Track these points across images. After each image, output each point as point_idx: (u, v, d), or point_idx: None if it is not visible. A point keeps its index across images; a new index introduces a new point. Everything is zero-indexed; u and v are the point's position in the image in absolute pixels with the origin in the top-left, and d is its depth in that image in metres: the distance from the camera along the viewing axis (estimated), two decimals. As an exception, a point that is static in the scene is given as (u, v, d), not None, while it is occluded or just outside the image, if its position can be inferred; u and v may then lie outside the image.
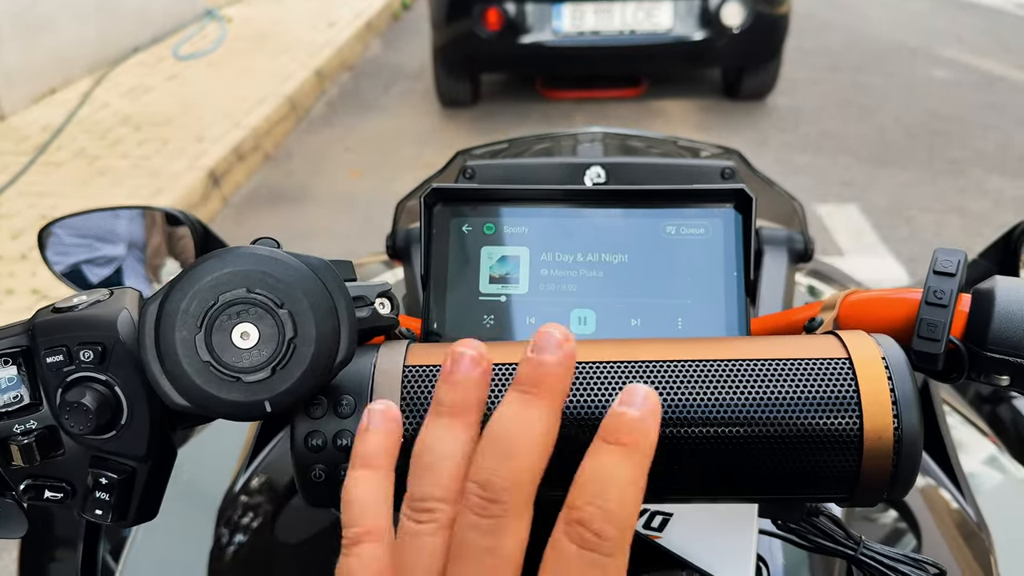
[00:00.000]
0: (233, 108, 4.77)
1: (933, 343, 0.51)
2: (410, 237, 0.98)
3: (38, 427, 0.45)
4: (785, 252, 0.96)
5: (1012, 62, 5.82)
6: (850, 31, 6.72)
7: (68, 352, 0.44)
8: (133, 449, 0.46)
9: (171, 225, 1.17)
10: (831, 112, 4.94)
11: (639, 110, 5.04)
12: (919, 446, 0.43)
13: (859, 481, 0.44)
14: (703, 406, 0.44)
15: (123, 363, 0.45)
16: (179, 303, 0.40)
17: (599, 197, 0.60)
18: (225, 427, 1.01)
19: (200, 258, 0.41)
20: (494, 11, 4.63)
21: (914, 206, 3.73)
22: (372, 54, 6.66)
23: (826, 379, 0.44)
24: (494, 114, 5.09)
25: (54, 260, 1.09)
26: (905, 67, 5.76)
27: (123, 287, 0.49)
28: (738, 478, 0.45)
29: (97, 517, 0.46)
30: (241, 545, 0.87)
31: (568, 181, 0.84)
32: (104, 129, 4.52)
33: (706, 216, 0.59)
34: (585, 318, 0.58)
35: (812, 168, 4.17)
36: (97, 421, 0.43)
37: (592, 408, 0.44)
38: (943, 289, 0.51)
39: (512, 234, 0.60)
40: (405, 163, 4.39)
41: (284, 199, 4.06)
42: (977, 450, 1.09)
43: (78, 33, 5.36)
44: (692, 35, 4.64)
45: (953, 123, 4.71)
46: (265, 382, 0.41)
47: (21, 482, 0.46)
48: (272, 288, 0.41)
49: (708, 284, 0.57)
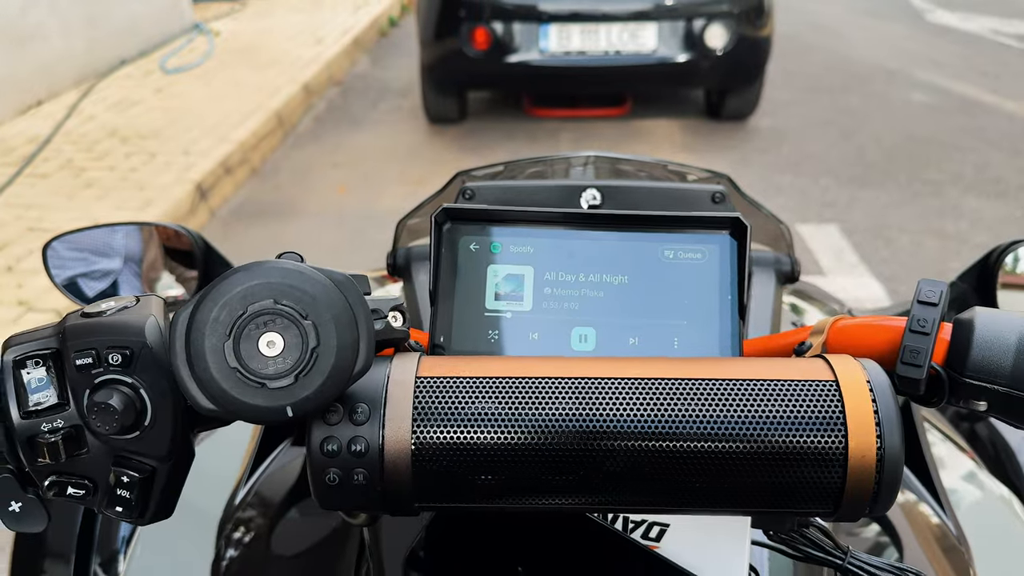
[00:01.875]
0: (220, 122, 4.77)
1: (916, 368, 0.54)
2: (411, 255, 1.01)
3: (65, 426, 0.47)
4: (773, 274, 0.99)
5: (988, 86, 5.94)
6: (831, 53, 6.83)
7: (97, 355, 0.46)
8: (155, 449, 0.48)
9: (172, 240, 1.18)
10: (812, 133, 5.02)
11: (624, 129, 5.09)
12: (900, 465, 0.46)
13: (844, 497, 0.47)
14: (697, 422, 0.46)
15: (149, 367, 0.47)
16: (210, 312, 0.43)
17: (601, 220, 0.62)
18: (225, 439, 1.02)
19: (229, 271, 0.43)
20: (482, 30, 4.67)
21: (893, 226, 3.79)
22: (360, 70, 6.68)
23: (814, 400, 0.47)
24: (481, 131, 5.13)
25: (56, 273, 1.10)
26: (884, 90, 5.87)
27: (148, 294, 0.51)
28: (729, 492, 0.47)
29: (117, 514, 0.48)
30: (242, 556, 0.88)
31: (565, 202, 0.87)
32: (91, 141, 4.51)
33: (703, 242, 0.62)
34: (586, 336, 0.61)
35: (793, 188, 4.23)
36: (122, 422, 0.45)
37: (591, 422, 0.46)
38: (926, 318, 0.54)
39: (517, 254, 0.62)
40: (392, 179, 4.41)
41: (271, 213, 4.07)
42: (957, 466, 1.12)
43: (65, 45, 5.35)
44: (676, 57, 4.71)
45: (931, 145, 4.80)
46: (288, 388, 0.43)
47: (46, 478, 0.48)
48: (298, 300, 0.43)
49: (704, 306, 0.60)
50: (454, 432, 0.47)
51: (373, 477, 0.47)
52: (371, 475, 0.47)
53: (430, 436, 0.47)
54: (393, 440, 0.47)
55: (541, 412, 0.47)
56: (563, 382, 0.48)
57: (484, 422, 0.47)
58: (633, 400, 0.47)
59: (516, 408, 0.47)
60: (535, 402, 0.47)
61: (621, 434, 0.46)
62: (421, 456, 0.47)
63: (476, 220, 0.62)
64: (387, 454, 0.47)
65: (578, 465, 0.47)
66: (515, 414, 0.47)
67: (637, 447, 0.46)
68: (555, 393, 0.47)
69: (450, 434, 0.47)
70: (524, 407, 0.47)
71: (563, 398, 0.47)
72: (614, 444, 0.46)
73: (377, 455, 0.47)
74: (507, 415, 0.47)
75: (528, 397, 0.47)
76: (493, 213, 0.62)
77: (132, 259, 1.21)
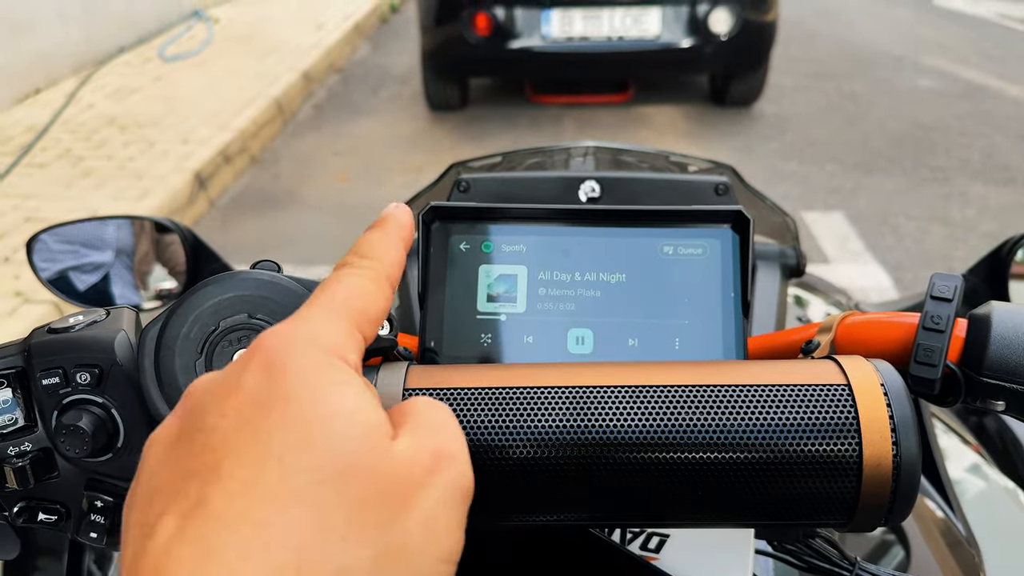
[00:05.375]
0: (220, 110, 4.75)
1: (930, 368, 0.51)
2: (404, 250, 0.98)
3: (33, 449, 0.44)
4: (778, 267, 0.97)
5: (994, 71, 5.89)
6: (836, 39, 6.78)
7: (64, 374, 0.44)
8: (129, 472, 0.45)
9: (161, 233, 1.16)
10: (817, 119, 4.98)
11: (626, 116, 5.06)
12: (917, 472, 0.44)
13: (858, 507, 0.44)
14: (703, 431, 0.44)
15: (120, 385, 0.44)
16: (180, 328, 0.40)
17: (597, 216, 0.60)
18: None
19: (201, 283, 0.41)
20: (483, 16, 4.63)
21: (899, 214, 3.76)
22: (360, 56, 6.64)
23: (825, 405, 0.44)
24: (482, 118, 5.10)
25: (42, 268, 1.08)
26: (890, 75, 5.82)
27: (119, 307, 0.49)
28: (737, 504, 0.45)
29: (92, 540, 0.45)
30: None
31: (563, 195, 0.84)
32: (89, 130, 4.49)
33: (704, 236, 0.59)
34: (583, 337, 0.58)
35: (798, 176, 4.20)
36: (93, 444, 0.43)
37: (590, 433, 0.44)
38: (940, 314, 0.52)
39: (510, 253, 0.60)
40: (393, 167, 4.39)
41: (271, 202, 4.04)
42: (964, 462, 1.10)
43: (63, 33, 5.32)
44: (680, 42, 4.67)
45: (937, 131, 4.76)
46: None
47: (15, 504, 0.46)
48: (273, 313, 0.41)
49: (705, 304, 0.58)
50: None
51: None
52: None
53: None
54: None
55: (537, 424, 0.44)
56: (560, 391, 0.46)
57: (477, 436, 0.45)
58: (635, 409, 0.45)
59: (511, 420, 0.45)
60: (531, 414, 0.45)
61: (622, 445, 0.44)
62: None
63: (466, 218, 0.60)
64: None
65: (577, 479, 0.44)
66: (510, 426, 0.44)
67: (640, 459, 0.44)
68: (552, 404, 0.45)
69: None
70: (519, 419, 0.45)
71: (560, 409, 0.45)
72: (615, 456, 0.44)
73: None
74: (501, 428, 0.45)
75: (523, 408, 0.45)
76: (484, 211, 0.60)
77: (122, 253, 1.18)
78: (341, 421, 0.27)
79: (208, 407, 0.28)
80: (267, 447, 0.26)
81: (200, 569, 0.24)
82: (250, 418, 0.27)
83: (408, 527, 0.27)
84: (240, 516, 0.25)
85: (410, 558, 0.27)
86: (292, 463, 0.26)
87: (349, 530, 0.26)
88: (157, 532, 0.25)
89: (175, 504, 0.26)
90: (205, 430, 0.27)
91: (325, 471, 0.26)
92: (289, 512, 0.25)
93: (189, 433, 0.28)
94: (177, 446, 0.28)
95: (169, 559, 0.24)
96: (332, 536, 0.25)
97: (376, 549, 0.26)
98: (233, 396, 0.28)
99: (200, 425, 0.28)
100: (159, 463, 0.28)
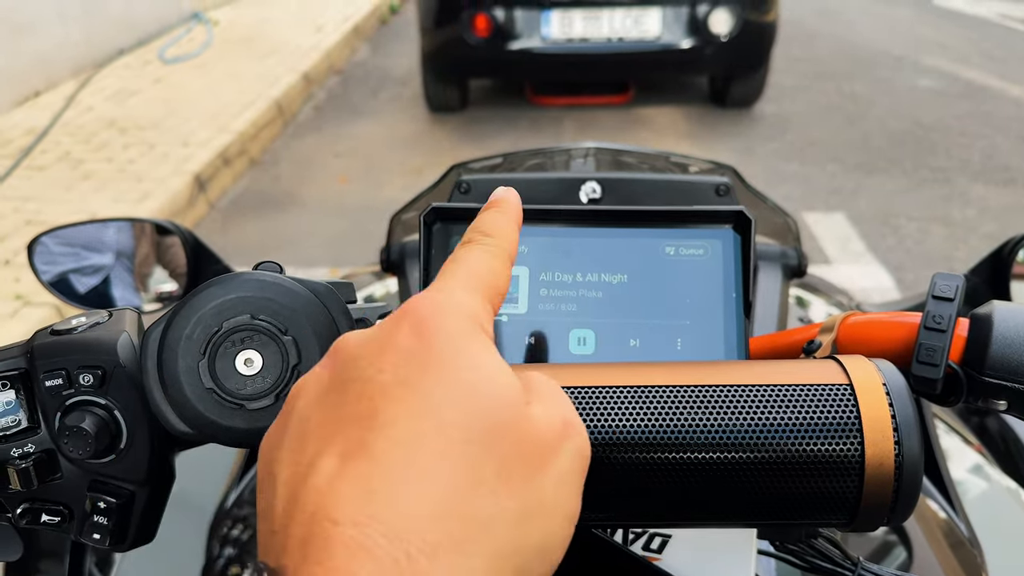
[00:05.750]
0: (220, 112, 4.75)
1: (932, 368, 0.51)
2: (405, 251, 0.98)
3: (36, 451, 0.44)
4: (779, 268, 0.97)
5: (995, 72, 5.88)
6: (836, 39, 6.78)
7: (67, 375, 0.44)
8: (132, 473, 0.45)
9: (161, 236, 1.16)
10: (818, 120, 4.98)
11: (627, 117, 5.06)
12: (920, 472, 0.44)
13: (860, 507, 0.44)
14: (705, 432, 0.44)
15: (123, 387, 0.44)
16: (182, 330, 0.40)
17: (599, 217, 0.60)
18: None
19: (203, 284, 0.41)
20: (483, 17, 4.63)
21: (900, 214, 3.76)
22: (360, 58, 6.65)
23: (827, 405, 0.44)
24: (482, 120, 5.10)
25: (43, 270, 1.07)
26: (890, 75, 5.82)
27: (122, 308, 0.48)
28: (739, 504, 0.45)
29: (95, 541, 0.45)
30: (234, 560, 0.86)
31: (564, 196, 0.84)
32: (89, 133, 4.49)
33: (705, 237, 0.59)
34: (584, 338, 0.58)
35: (799, 176, 4.19)
36: (96, 445, 0.43)
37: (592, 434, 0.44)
38: (942, 314, 0.52)
39: None
40: (393, 168, 4.39)
41: (271, 204, 4.04)
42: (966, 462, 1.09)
43: (62, 35, 5.32)
44: (680, 43, 4.66)
45: (938, 132, 4.75)
46: (269, 409, 0.40)
47: (18, 506, 0.45)
48: (276, 314, 0.40)
49: (707, 305, 0.57)
50: None
51: None
52: None
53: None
54: None
55: None
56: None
57: None
58: (637, 410, 0.45)
59: None
60: None
61: (625, 446, 0.44)
62: None
63: (467, 219, 0.60)
64: None
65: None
66: None
67: (642, 459, 0.44)
68: None
69: None
70: None
71: None
72: (618, 456, 0.44)
73: None
74: None
75: None
76: None
77: (123, 255, 1.18)
78: (490, 384, 0.30)
79: (362, 361, 0.30)
80: (425, 402, 0.29)
81: (364, 508, 0.26)
82: (407, 374, 0.29)
83: (545, 486, 0.30)
84: (402, 462, 0.27)
85: (545, 514, 0.29)
86: (448, 419, 0.28)
87: (498, 484, 0.28)
88: (318, 470, 0.28)
89: (333, 445, 0.28)
90: (360, 380, 0.30)
91: (477, 429, 0.29)
92: (447, 462, 0.27)
93: (343, 383, 0.30)
94: (330, 393, 0.30)
95: (333, 495, 0.27)
96: (483, 489, 0.28)
97: (520, 503, 0.28)
98: (387, 353, 0.30)
99: (355, 376, 0.30)
100: (311, 408, 0.30)
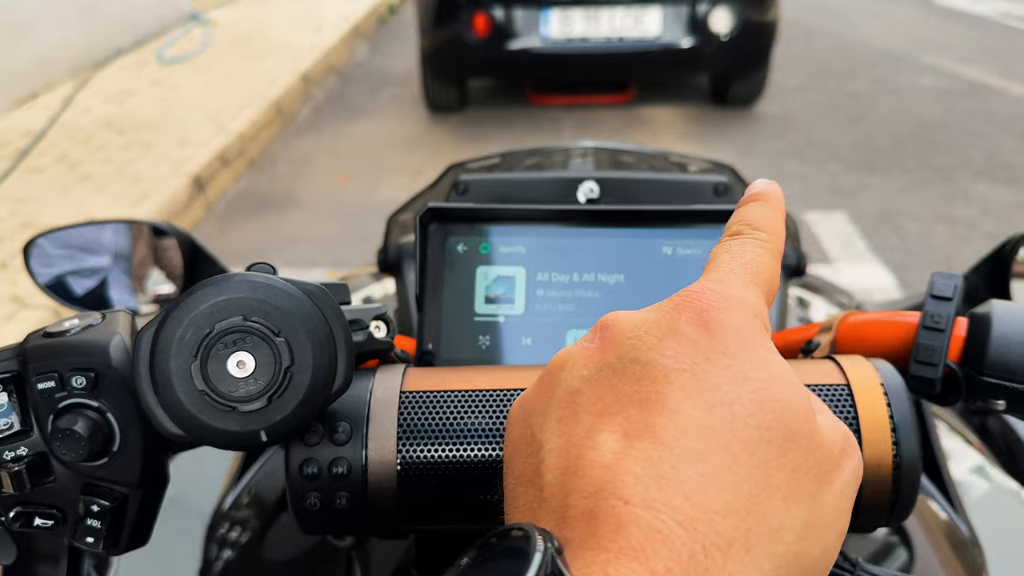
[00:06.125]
0: (218, 113, 4.74)
1: (931, 368, 0.51)
2: (402, 252, 0.97)
3: (28, 454, 0.44)
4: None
5: (997, 70, 5.87)
6: (837, 38, 6.77)
7: (60, 378, 0.44)
8: (126, 476, 0.45)
9: (158, 237, 1.15)
10: (819, 119, 4.97)
11: (627, 117, 5.05)
12: (918, 473, 0.43)
13: (859, 508, 0.44)
14: None
15: (116, 389, 0.44)
16: (174, 331, 0.40)
17: (596, 217, 0.59)
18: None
19: (196, 285, 0.40)
20: (482, 17, 4.62)
21: (902, 213, 3.75)
22: (359, 58, 6.64)
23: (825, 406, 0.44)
24: (482, 119, 5.09)
25: (39, 272, 1.07)
26: (892, 74, 5.81)
27: (114, 310, 0.48)
28: None
29: (88, 545, 0.45)
30: (231, 563, 0.86)
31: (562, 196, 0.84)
32: (87, 134, 4.48)
33: (703, 236, 0.59)
34: (581, 339, 0.58)
35: (800, 175, 4.19)
36: (89, 448, 0.43)
37: None
38: (940, 314, 0.51)
39: (508, 254, 0.59)
40: (392, 169, 4.38)
41: (270, 205, 4.04)
42: (967, 462, 1.09)
43: (60, 36, 5.31)
44: (680, 42, 4.66)
45: (940, 131, 4.74)
46: (261, 412, 0.40)
47: (11, 509, 0.45)
48: (268, 316, 0.40)
49: None
50: (442, 449, 0.44)
51: (357, 500, 0.44)
52: (354, 498, 0.44)
53: (417, 454, 0.44)
54: (377, 460, 0.44)
55: None
56: None
57: (474, 438, 0.44)
58: None
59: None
60: None
61: None
62: (407, 476, 0.44)
63: (464, 219, 0.59)
64: (371, 475, 0.44)
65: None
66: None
67: None
68: None
69: (438, 452, 0.44)
70: None
71: None
72: None
73: (360, 477, 0.44)
74: (499, 430, 0.44)
75: None
76: (481, 212, 0.59)
77: (120, 257, 1.18)
78: (784, 388, 0.28)
79: (642, 343, 0.29)
80: (715, 394, 0.28)
81: (655, 492, 0.25)
82: (693, 363, 0.28)
83: (827, 501, 0.29)
84: (693, 452, 0.26)
85: (823, 529, 0.28)
86: (742, 416, 0.27)
87: (789, 491, 0.27)
88: (599, 445, 0.27)
89: (614, 423, 0.28)
90: (641, 362, 0.29)
91: (772, 431, 0.27)
92: (740, 460, 0.27)
93: (621, 362, 0.29)
94: (604, 370, 0.30)
95: (620, 472, 0.26)
96: (776, 494, 0.27)
97: (806, 514, 0.27)
98: (670, 339, 0.29)
99: (634, 357, 0.29)
100: (582, 381, 0.30)
